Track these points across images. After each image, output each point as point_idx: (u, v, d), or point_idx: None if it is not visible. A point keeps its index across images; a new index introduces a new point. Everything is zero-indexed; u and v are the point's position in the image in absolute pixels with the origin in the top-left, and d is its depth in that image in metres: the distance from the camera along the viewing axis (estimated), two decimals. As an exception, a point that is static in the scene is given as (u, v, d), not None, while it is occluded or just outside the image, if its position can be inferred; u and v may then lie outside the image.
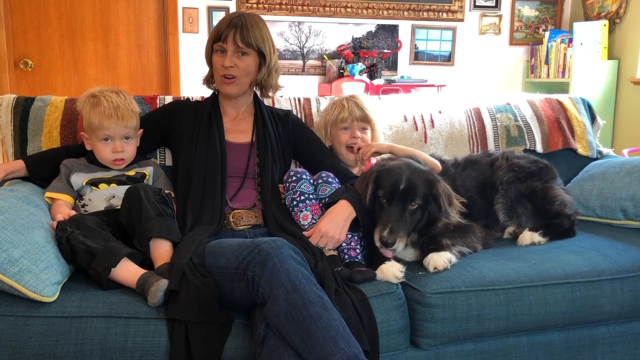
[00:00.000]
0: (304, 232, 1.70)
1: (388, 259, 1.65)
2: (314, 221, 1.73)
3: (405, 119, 2.25)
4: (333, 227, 1.66)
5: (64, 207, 1.70)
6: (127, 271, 1.49)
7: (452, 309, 1.54)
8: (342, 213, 1.68)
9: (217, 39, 1.80)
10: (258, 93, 1.98)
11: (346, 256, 1.71)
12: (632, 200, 2.00)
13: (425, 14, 4.41)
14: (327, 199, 1.74)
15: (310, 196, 1.76)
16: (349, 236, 1.71)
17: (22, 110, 1.98)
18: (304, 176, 1.78)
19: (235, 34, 1.76)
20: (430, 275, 1.60)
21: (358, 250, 1.73)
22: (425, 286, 1.57)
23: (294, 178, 1.77)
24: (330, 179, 1.78)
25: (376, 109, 2.10)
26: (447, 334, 1.55)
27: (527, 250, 1.79)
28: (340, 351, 1.23)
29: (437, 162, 1.97)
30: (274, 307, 1.31)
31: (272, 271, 1.34)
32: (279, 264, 1.35)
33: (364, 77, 4.06)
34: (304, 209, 1.75)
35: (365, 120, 2.01)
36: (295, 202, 1.76)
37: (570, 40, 4.15)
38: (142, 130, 1.85)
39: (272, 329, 1.32)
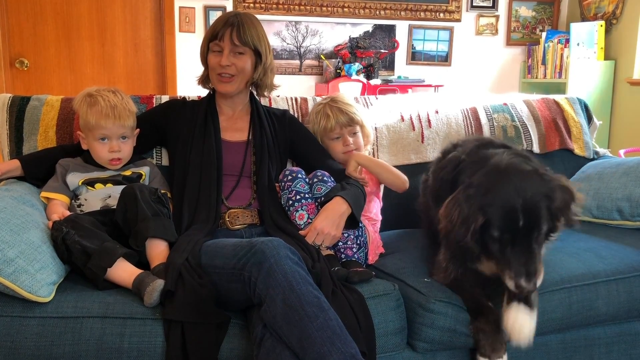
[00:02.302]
0: (299, 232, 1.69)
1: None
2: (310, 220, 1.73)
3: (402, 119, 2.25)
4: (328, 224, 1.66)
5: (60, 207, 1.69)
6: (123, 271, 1.48)
7: (454, 320, 1.51)
8: (337, 210, 1.68)
9: (213, 38, 1.80)
10: (254, 92, 1.98)
11: (342, 255, 1.71)
12: (628, 201, 2.00)
13: (422, 14, 4.41)
14: (322, 198, 1.74)
15: (306, 195, 1.76)
16: (345, 235, 1.71)
17: (18, 109, 1.97)
18: (299, 175, 1.77)
19: (232, 33, 1.76)
20: (436, 284, 1.58)
21: (355, 249, 1.72)
22: (430, 292, 1.54)
23: (289, 177, 1.77)
24: (325, 178, 1.77)
25: (371, 109, 2.09)
26: (445, 342, 1.53)
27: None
28: (337, 351, 1.23)
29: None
30: (270, 307, 1.31)
31: (269, 272, 1.34)
32: (275, 264, 1.35)
33: (361, 77, 4.06)
34: (299, 209, 1.74)
35: (352, 123, 1.97)
36: (291, 202, 1.76)
37: (567, 41, 4.16)
38: (138, 129, 1.84)
39: (269, 330, 1.32)
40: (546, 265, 1.67)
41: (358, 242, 1.75)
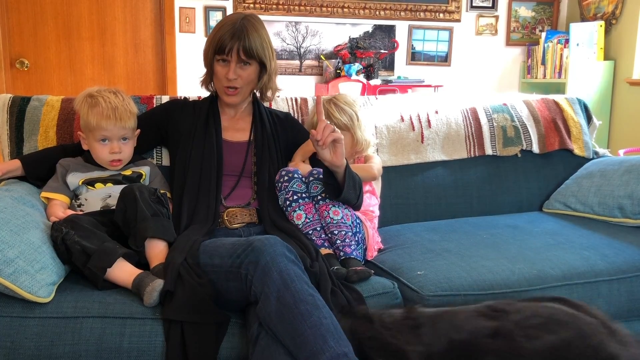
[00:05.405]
0: (311, 130, 1.60)
1: None
2: (308, 220, 1.73)
3: (402, 119, 2.25)
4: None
5: (60, 207, 1.69)
6: (123, 271, 1.48)
7: None
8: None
9: (219, 50, 1.76)
10: (258, 95, 1.98)
11: (341, 253, 1.70)
12: (630, 198, 2.00)
13: (422, 14, 4.41)
14: (319, 196, 1.74)
15: (303, 195, 1.76)
16: (343, 233, 1.70)
17: (18, 109, 1.97)
18: (295, 175, 1.77)
19: (238, 47, 1.74)
20: (428, 276, 1.60)
21: (353, 247, 1.71)
22: (424, 288, 1.56)
23: (285, 178, 1.77)
24: (322, 176, 1.76)
25: (371, 109, 2.08)
26: None
27: (527, 248, 1.79)
28: (330, 349, 1.22)
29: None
30: (265, 305, 1.31)
31: (264, 269, 1.34)
32: (271, 262, 1.35)
33: (361, 77, 4.06)
34: (297, 209, 1.75)
35: (336, 126, 1.92)
36: (288, 202, 1.76)
37: (567, 41, 4.16)
38: (139, 130, 1.84)
39: (265, 328, 1.32)
40: (548, 260, 1.69)
41: (356, 238, 1.75)
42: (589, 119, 2.52)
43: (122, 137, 1.77)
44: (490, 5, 4.52)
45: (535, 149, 2.35)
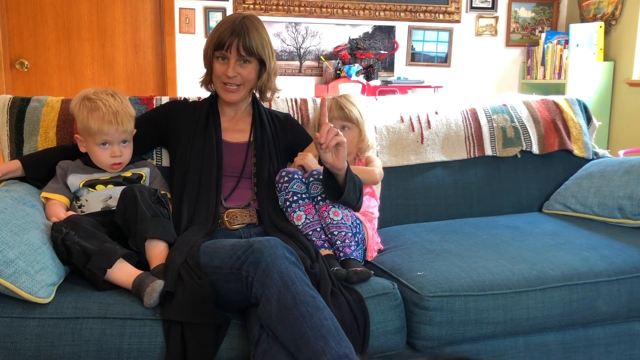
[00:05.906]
0: (315, 134, 1.60)
1: None
2: (308, 221, 1.73)
3: (402, 120, 2.25)
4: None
5: (59, 207, 1.69)
6: (123, 272, 1.48)
7: (450, 313, 1.53)
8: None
9: (219, 47, 1.77)
10: (257, 95, 1.98)
11: (341, 254, 1.70)
12: (630, 199, 2.00)
13: (421, 15, 4.42)
14: (319, 197, 1.74)
15: (303, 196, 1.75)
16: (343, 233, 1.70)
17: (18, 110, 1.97)
18: (295, 176, 1.77)
19: (238, 43, 1.74)
20: (428, 277, 1.60)
21: (353, 247, 1.71)
22: (423, 288, 1.56)
23: (285, 179, 1.77)
24: (322, 177, 1.76)
25: (371, 110, 2.08)
26: (444, 337, 1.54)
27: (527, 249, 1.79)
28: (331, 351, 1.22)
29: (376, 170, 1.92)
30: (266, 307, 1.31)
31: (264, 271, 1.34)
32: (271, 263, 1.35)
33: (361, 78, 4.06)
34: (297, 209, 1.75)
35: (345, 119, 1.97)
36: (288, 203, 1.76)
37: (567, 42, 4.16)
38: (135, 130, 1.83)
39: (266, 330, 1.32)
40: (548, 261, 1.69)
41: (356, 239, 1.75)
42: (588, 119, 2.52)
43: (123, 140, 1.77)
44: (490, 6, 4.52)
45: (535, 149, 2.35)
